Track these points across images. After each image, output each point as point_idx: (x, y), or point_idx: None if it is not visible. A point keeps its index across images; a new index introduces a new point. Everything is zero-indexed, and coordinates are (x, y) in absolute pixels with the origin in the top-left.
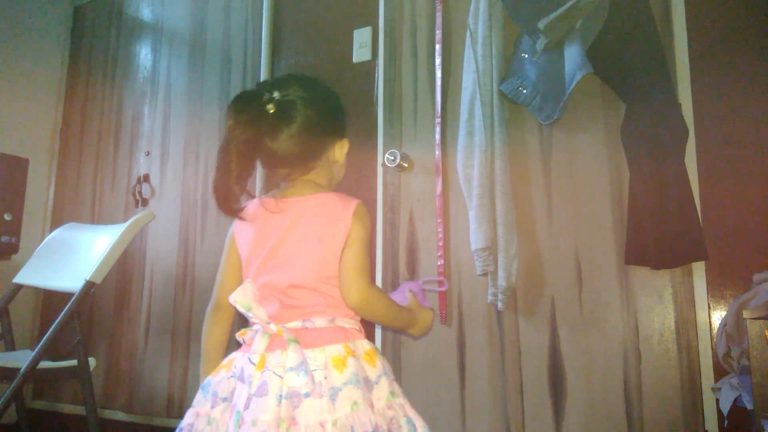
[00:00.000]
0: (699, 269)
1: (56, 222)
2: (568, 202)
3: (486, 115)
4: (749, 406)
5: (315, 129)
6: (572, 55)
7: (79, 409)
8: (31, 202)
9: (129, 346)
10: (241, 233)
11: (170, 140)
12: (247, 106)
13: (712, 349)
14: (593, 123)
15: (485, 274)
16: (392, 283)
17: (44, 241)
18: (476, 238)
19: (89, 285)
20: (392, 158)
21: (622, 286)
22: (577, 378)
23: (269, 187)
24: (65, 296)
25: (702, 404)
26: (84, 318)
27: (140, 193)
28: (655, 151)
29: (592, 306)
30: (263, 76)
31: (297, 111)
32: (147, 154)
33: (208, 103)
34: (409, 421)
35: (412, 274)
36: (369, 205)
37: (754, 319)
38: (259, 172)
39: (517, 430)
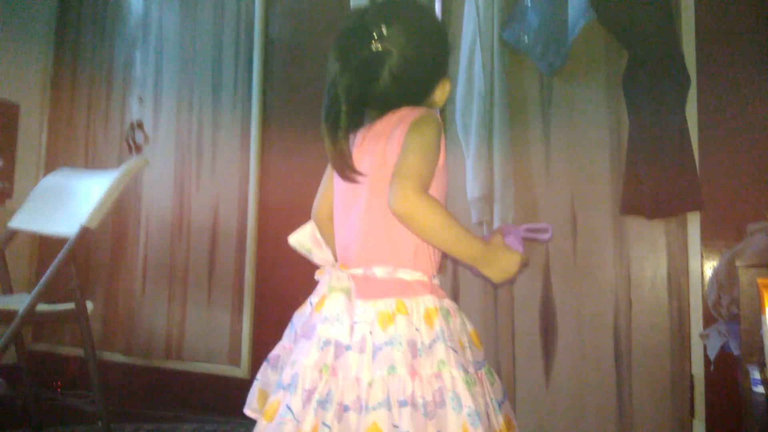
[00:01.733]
0: (694, 219)
1: (50, 168)
2: (566, 153)
3: (486, 63)
4: (736, 352)
5: (423, 71)
6: (575, 1)
7: (78, 351)
8: (23, 147)
9: (126, 291)
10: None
11: (163, 86)
12: (356, 47)
13: (702, 297)
14: (595, 72)
15: (481, 224)
16: None
17: (38, 186)
18: (473, 188)
19: (84, 230)
20: None
21: (617, 236)
22: (568, 325)
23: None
24: (62, 241)
25: (690, 350)
26: (80, 263)
27: (134, 139)
28: (656, 101)
29: (586, 255)
30: (257, 19)
31: (403, 51)
32: (140, 101)
33: (201, 47)
34: (455, 398)
35: None
36: None
37: (746, 266)
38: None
39: (508, 376)
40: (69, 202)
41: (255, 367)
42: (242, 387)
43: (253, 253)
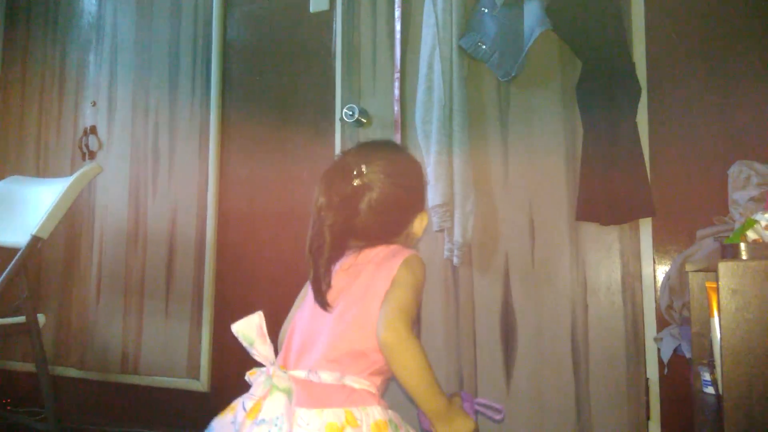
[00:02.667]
0: (646, 225)
1: None
2: (524, 159)
3: (445, 71)
4: (688, 355)
5: (401, 205)
6: (532, 11)
7: (29, 367)
8: None
9: (80, 303)
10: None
11: (117, 90)
12: (339, 184)
13: (655, 301)
14: (550, 81)
15: (441, 230)
16: None
17: None
18: (433, 195)
19: (35, 240)
20: (350, 113)
21: (573, 242)
22: (528, 330)
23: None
24: (12, 251)
25: (644, 353)
26: (31, 274)
27: (87, 145)
28: (609, 109)
29: (544, 260)
30: (215, 22)
31: (382, 187)
32: (93, 105)
33: (157, 50)
34: None
35: None
36: (326, 162)
37: (695, 271)
38: None
39: (470, 380)
40: (19, 211)
41: (215, 380)
42: (202, 401)
43: (213, 262)
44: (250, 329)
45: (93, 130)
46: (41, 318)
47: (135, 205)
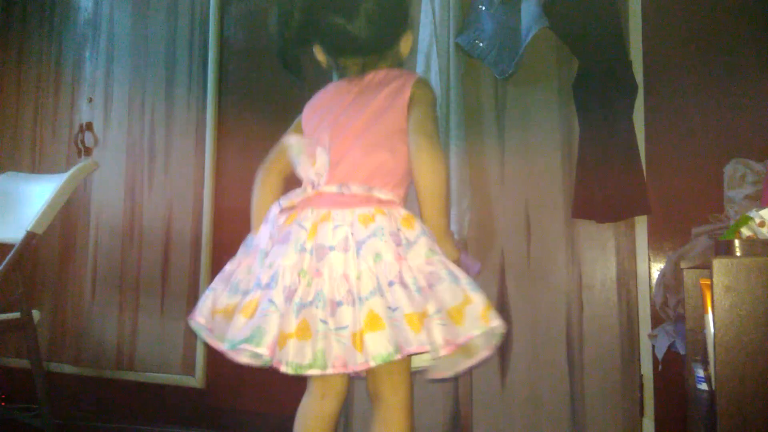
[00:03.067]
0: (641, 223)
1: None
2: (520, 157)
3: (442, 69)
4: (682, 351)
5: (392, 13)
6: (529, 9)
7: (24, 363)
8: None
9: (75, 299)
10: (310, 119)
11: (114, 87)
12: None
13: (650, 298)
14: (547, 79)
15: None
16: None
17: None
18: None
19: (30, 236)
20: None
21: (568, 239)
22: (523, 326)
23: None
24: (7, 247)
25: (639, 350)
26: (27, 270)
27: (83, 141)
28: (605, 109)
29: (539, 258)
30: (212, 19)
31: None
32: (89, 101)
33: (154, 47)
34: (451, 273)
35: None
36: None
37: (690, 268)
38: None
39: (465, 377)
40: (15, 207)
41: (210, 376)
42: (197, 397)
43: (209, 258)
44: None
45: (89, 126)
46: (36, 314)
47: (131, 201)
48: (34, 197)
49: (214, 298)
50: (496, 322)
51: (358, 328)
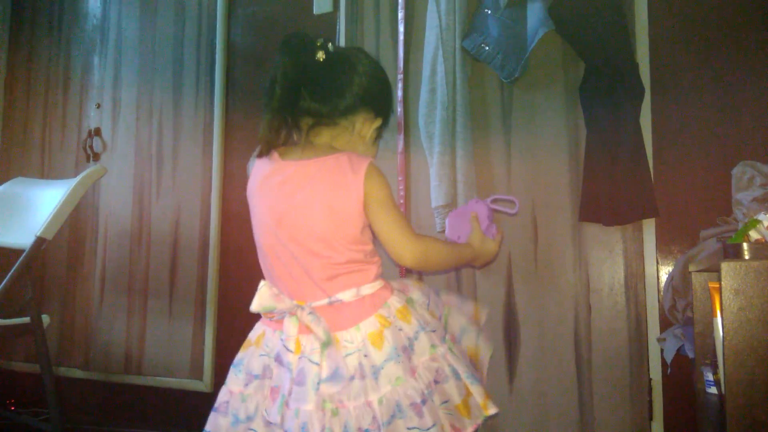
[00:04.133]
0: (649, 226)
1: (4, 177)
2: (527, 160)
3: (448, 72)
4: (691, 355)
5: (353, 84)
6: (535, 12)
7: (33, 367)
8: None
9: (84, 304)
10: (253, 194)
11: (122, 92)
12: (300, 49)
13: (658, 302)
14: (553, 82)
15: (443, 231)
16: None
17: None
18: (437, 196)
19: (40, 241)
20: None
21: (576, 242)
22: (530, 330)
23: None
24: (16, 252)
25: (648, 354)
26: (36, 275)
27: (91, 147)
28: (612, 111)
29: (547, 261)
30: (219, 24)
31: (344, 65)
32: (98, 107)
33: (161, 53)
34: (453, 369)
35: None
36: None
37: (698, 271)
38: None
39: None
40: (24, 213)
41: (218, 380)
42: (205, 401)
43: (216, 263)
44: (267, 301)
45: (97, 132)
46: (45, 319)
47: (139, 206)
48: (43, 203)
49: None
50: (492, 410)
51: None
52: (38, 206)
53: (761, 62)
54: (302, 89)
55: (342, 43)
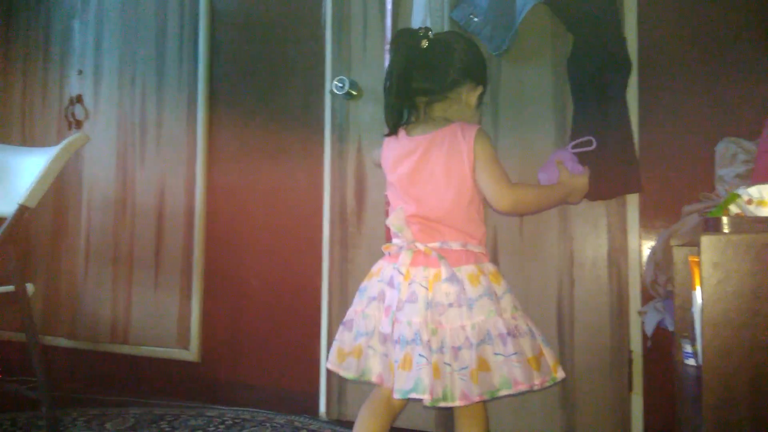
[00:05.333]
0: (633, 201)
1: None
2: (514, 134)
3: None
4: (671, 328)
5: (455, 61)
6: None
7: (19, 336)
8: None
9: (69, 273)
10: (390, 168)
11: (104, 59)
12: (405, 41)
13: (640, 276)
14: (542, 55)
15: None
16: (339, 215)
17: None
18: None
19: (23, 209)
20: (340, 85)
21: (561, 217)
22: None
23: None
24: None
25: (629, 327)
26: (20, 244)
27: (73, 114)
28: (599, 85)
29: (532, 234)
30: None
31: (444, 47)
32: (79, 73)
33: (144, 17)
34: (530, 329)
35: (360, 204)
36: (316, 134)
37: (679, 246)
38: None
39: None
40: (5, 181)
41: (205, 350)
42: (192, 370)
43: (202, 233)
44: (399, 221)
45: (79, 99)
46: (30, 287)
47: (123, 174)
48: (25, 170)
49: (340, 345)
50: (561, 375)
51: (474, 367)
52: (20, 174)
53: (747, 39)
54: (413, 74)
55: (328, 10)
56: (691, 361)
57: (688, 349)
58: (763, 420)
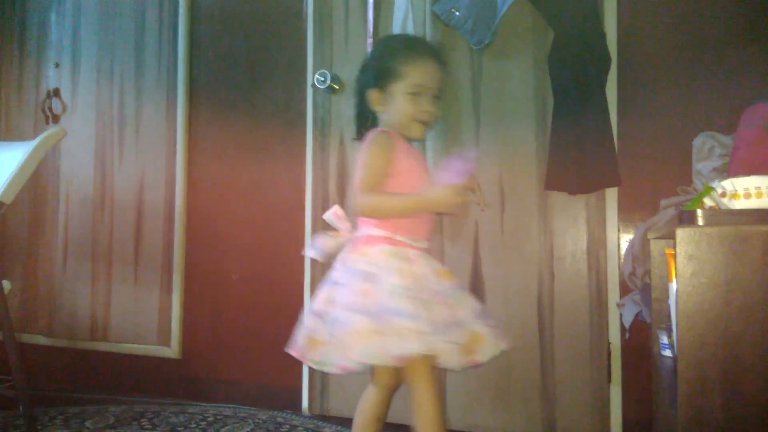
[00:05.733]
0: (612, 195)
1: None
2: (495, 129)
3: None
4: (648, 320)
5: (358, 77)
6: None
7: None
8: None
9: (47, 270)
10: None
11: (81, 51)
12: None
13: (619, 268)
14: (523, 50)
15: None
16: (322, 205)
17: None
18: None
19: None
20: (322, 79)
21: (541, 210)
22: (496, 296)
23: None
24: None
25: (607, 319)
26: None
27: (50, 108)
28: (579, 80)
29: (513, 229)
30: None
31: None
32: (56, 66)
33: (122, 11)
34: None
35: (343, 198)
36: (298, 128)
37: (656, 238)
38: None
39: None
40: None
41: (186, 346)
42: (173, 367)
43: (182, 228)
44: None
45: (56, 92)
46: (6, 284)
47: (101, 170)
48: (1, 165)
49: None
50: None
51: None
52: None
53: (724, 34)
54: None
55: (310, 3)
56: (667, 353)
57: (665, 340)
58: (735, 407)
